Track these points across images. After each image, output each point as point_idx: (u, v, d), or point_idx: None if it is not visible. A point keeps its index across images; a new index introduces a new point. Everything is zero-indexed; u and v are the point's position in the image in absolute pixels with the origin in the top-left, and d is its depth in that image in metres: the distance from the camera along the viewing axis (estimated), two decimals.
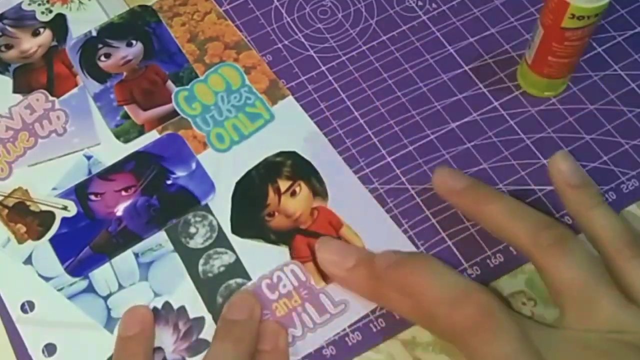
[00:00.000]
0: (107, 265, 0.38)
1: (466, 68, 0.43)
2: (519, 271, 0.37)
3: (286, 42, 0.44)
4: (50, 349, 0.36)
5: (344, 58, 0.44)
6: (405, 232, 0.38)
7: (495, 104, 0.41)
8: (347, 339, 0.36)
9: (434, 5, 0.45)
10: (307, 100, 0.42)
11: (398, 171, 0.40)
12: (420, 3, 0.45)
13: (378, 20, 0.45)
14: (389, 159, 0.40)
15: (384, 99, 0.42)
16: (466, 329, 0.29)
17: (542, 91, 0.41)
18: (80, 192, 0.40)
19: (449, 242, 0.37)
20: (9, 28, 0.46)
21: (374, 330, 0.36)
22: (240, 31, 0.45)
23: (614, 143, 0.40)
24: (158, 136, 0.42)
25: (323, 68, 0.43)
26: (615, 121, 0.40)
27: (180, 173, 0.40)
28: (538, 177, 0.39)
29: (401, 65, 0.43)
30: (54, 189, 0.40)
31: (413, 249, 0.37)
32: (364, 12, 0.45)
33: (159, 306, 0.37)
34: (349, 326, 0.36)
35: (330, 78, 0.43)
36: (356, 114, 0.41)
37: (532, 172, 0.39)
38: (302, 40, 0.44)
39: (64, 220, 0.39)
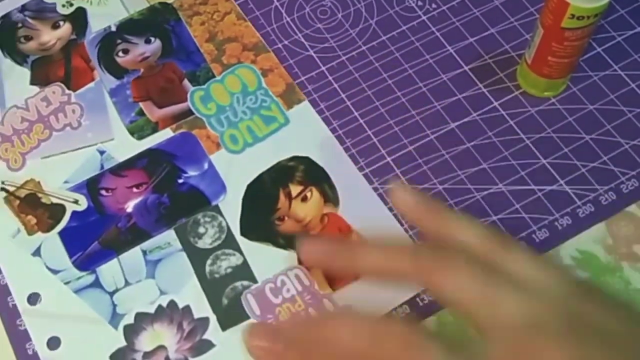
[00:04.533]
0: (114, 261, 0.38)
1: (466, 68, 0.43)
2: None
3: (286, 42, 0.44)
4: (54, 342, 0.36)
5: (344, 58, 0.44)
6: (405, 232, 0.38)
7: (495, 104, 0.41)
8: None
9: (434, 5, 0.45)
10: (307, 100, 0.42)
11: (398, 171, 0.40)
12: (420, 3, 0.45)
13: (378, 20, 0.45)
14: (389, 159, 0.40)
15: (384, 99, 0.42)
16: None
17: (542, 91, 0.41)
18: (91, 187, 0.40)
19: None
20: (29, 20, 0.46)
21: None
22: None
23: (614, 143, 0.40)
24: (172, 134, 0.42)
25: (323, 68, 0.43)
26: (615, 121, 0.40)
27: (192, 172, 0.40)
28: (538, 177, 0.39)
29: (401, 65, 0.43)
30: (66, 182, 0.41)
31: None
32: (364, 12, 0.45)
33: (164, 304, 0.37)
34: None
35: (330, 78, 0.43)
36: (356, 114, 0.41)
37: (532, 172, 0.39)
38: (302, 40, 0.44)
39: (74, 214, 0.40)
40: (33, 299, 0.38)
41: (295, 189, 0.39)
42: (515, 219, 0.38)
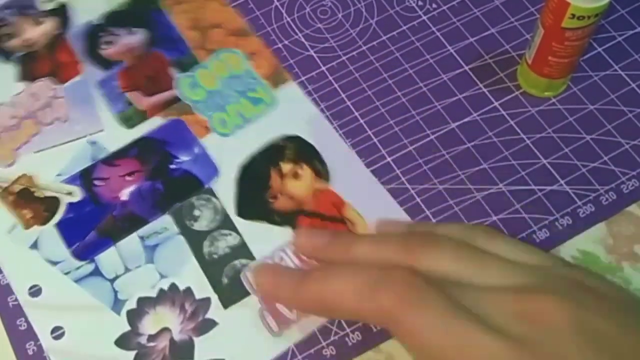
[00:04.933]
0: (112, 248, 0.38)
1: (466, 68, 0.43)
2: None
3: (286, 42, 0.44)
4: (58, 332, 0.37)
5: (344, 58, 0.44)
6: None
7: (495, 104, 0.41)
8: (347, 339, 0.36)
9: (434, 5, 0.45)
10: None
11: (398, 171, 0.40)
12: (420, 3, 0.45)
13: (378, 20, 0.45)
14: (389, 159, 0.40)
15: (384, 99, 0.42)
16: (393, 309, 0.27)
17: (542, 91, 0.41)
18: (85, 178, 0.40)
19: None
20: (11, 17, 0.46)
21: (374, 330, 0.36)
22: None
23: (614, 143, 0.40)
24: (161, 122, 0.42)
25: (323, 68, 0.43)
26: (615, 121, 0.40)
27: (184, 157, 0.41)
28: (538, 177, 0.39)
29: (401, 65, 0.43)
30: (59, 175, 0.41)
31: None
32: (364, 12, 0.45)
33: (165, 287, 0.37)
34: (349, 326, 0.36)
35: (330, 78, 0.43)
36: (356, 114, 0.41)
37: (532, 172, 0.39)
38: (302, 40, 0.44)
39: (70, 205, 0.40)
40: (34, 291, 0.38)
41: (286, 167, 0.40)
42: (515, 219, 0.38)
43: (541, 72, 0.39)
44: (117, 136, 0.42)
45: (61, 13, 0.46)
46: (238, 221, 0.39)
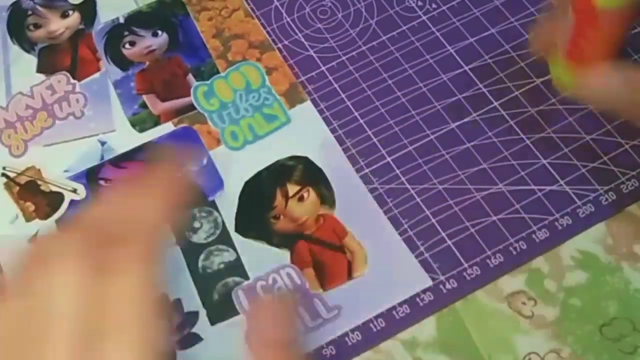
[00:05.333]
0: None
1: (466, 68, 0.43)
2: (518, 271, 0.37)
3: (286, 42, 0.44)
4: None
5: (344, 58, 0.44)
6: (405, 232, 0.38)
7: (495, 104, 0.41)
8: (347, 338, 0.36)
9: (434, 5, 0.45)
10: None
11: (398, 171, 0.40)
12: (420, 3, 0.45)
13: (378, 20, 0.45)
14: (389, 159, 0.40)
15: (384, 99, 0.42)
16: None
17: (574, 80, 0.37)
18: (91, 177, 0.41)
19: (449, 242, 0.38)
20: (39, 7, 0.47)
21: (374, 330, 0.36)
22: None
23: (614, 143, 0.40)
24: (173, 128, 0.42)
25: (323, 68, 0.43)
26: (615, 121, 0.40)
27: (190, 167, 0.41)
28: (538, 177, 0.39)
29: (401, 65, 0.43)
30: (66, 171, 0.41)
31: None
32: (364, 12, 0.45)
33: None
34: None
35: (330, 78, 0.43)
36: (356, 114, 0.41)
37: (532, 172, 0.39)
38: (302, 40, 0.44)
39: (72, 202, 0.40)
40: None
41: (292, 188, 0.39)
42: (515, 219, 0.38)
43: (578, 58, 0.36)
44: (127, 138, 0.42)
45: (88, 8, 0.46)
46: (236, 238, 0.38)
